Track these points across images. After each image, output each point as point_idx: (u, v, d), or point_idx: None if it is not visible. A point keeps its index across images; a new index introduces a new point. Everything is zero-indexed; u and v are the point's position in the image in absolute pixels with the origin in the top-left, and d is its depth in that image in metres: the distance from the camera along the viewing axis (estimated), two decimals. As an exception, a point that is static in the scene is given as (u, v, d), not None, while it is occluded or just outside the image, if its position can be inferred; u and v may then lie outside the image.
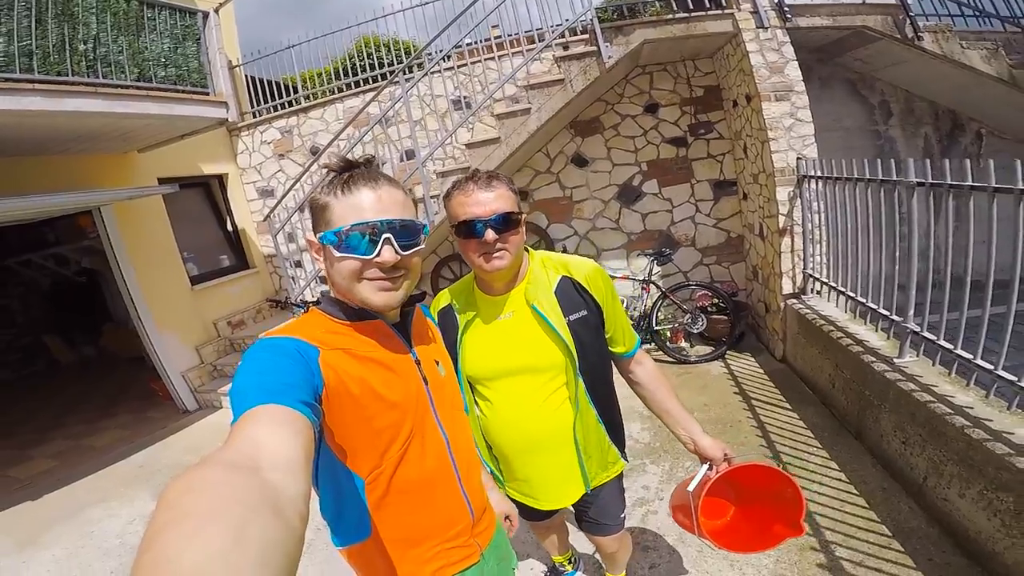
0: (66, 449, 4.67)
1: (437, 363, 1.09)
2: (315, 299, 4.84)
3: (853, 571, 2.02)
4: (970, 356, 2.21)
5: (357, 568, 1.05)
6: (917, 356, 2.59)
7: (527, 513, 1.71)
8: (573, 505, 1.63)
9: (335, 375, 0.87)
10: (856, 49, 4.52)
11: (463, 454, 1.08)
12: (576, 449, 1.44)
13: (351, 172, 0.95)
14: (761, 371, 4.01)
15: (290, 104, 6.11)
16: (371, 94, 5.37)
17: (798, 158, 3.78)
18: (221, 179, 6.13)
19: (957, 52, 4.21)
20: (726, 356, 4.35)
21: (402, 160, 5.45)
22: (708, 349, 4.52)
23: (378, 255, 0.90)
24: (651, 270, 4.62)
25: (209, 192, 6.17)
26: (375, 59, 5.96)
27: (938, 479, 2.18)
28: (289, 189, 4.71)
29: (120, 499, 3.59)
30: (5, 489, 3.98)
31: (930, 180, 2.42)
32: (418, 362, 1.03)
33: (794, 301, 3.83)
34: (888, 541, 2.15)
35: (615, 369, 1.57)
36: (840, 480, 2.57)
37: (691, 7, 4.06)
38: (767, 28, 3.92)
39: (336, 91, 5.98)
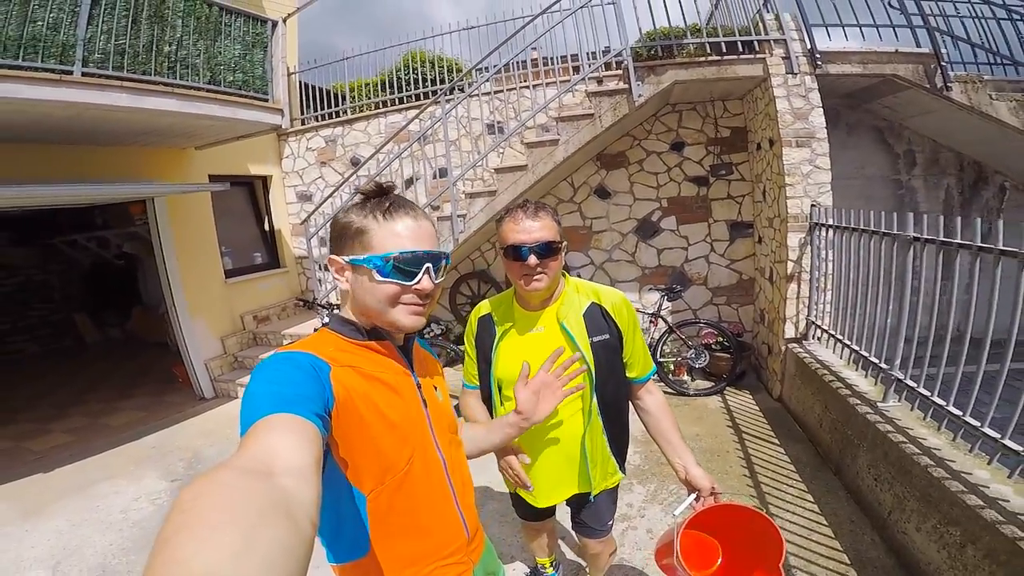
0: (83, 426, 4.92)
1: (435, 388, 1.15)
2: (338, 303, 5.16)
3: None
4: (942, 402, 2.37)
5: None
6: (899, 401, 2.74)
7: (524, 512, 1.95)
8: (570, 508, 1.83)
9: (344, 391, 0.90)
10: (885, 96, 4.60)
11: (458, 475, 1.13)
12: (583, 457, 1.61)
13: (390, 200, 1.00)
14: (757, 408, 4.15)
15: (336, 115, 6.58)
16: (412, 111, 5.78)
17: (812, 205, 3.91)
18: (265, 180, 6.59)
19: (985, 103, 4.21)
20: (725, 392, 4.49)
21: (435, 177, 5.80)
22: (708, 384, 4.66)
23: (418, 283, 0.98)
24: (661, 305, 4.80)
25: (252, 192, 6.62)
26: (419, 74, 6.39)
27: (900, 513, 2.33)
28: (328, 196, 5.06)
29: (128, 477, 3.80)
30: (21, 460, 4.22)
31: (934, 237, 2.48)
32: (418, 385, 1.08)
33: (795, 345, 3.97)
34: (846, 569, 2.30)
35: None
36: (813, 512, 2.71)
37: (724, 50, 4.22)
38: (796, 74, 4.06)
39: (381, 105, 6.43)
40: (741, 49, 4.22)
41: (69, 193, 4.17)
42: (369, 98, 6.60)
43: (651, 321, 4.82)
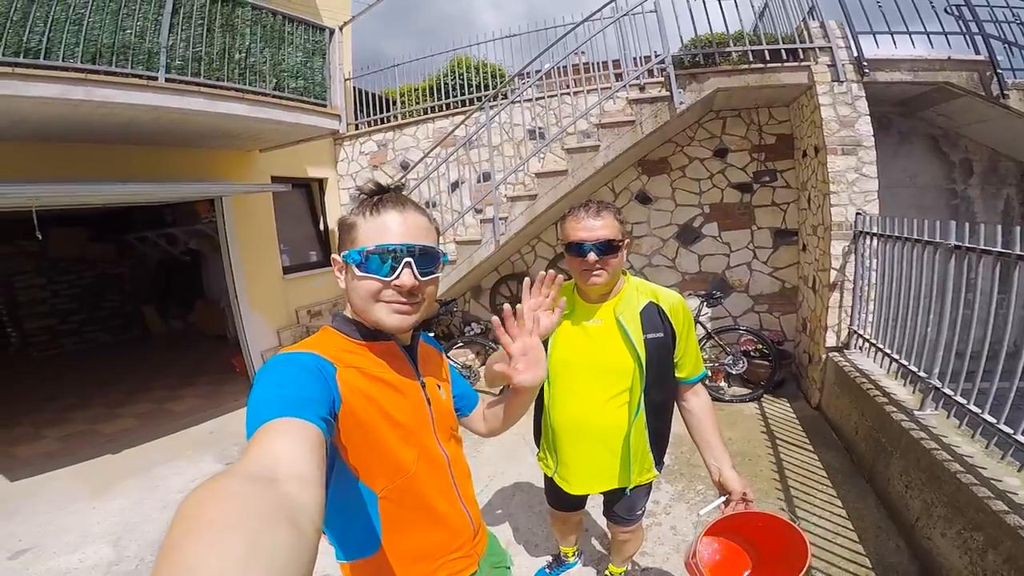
0: (149, 411, 5.29)
1: (439, 387, 1.16)
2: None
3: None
4: (977, 410, 2.37)
5: None
6: (936, 409, 2.74)
7: (556, 500, 2.05)
8: (603, 496, 1.92)
9: (350, 392, 0.91)
10: (939, 104, 4.49)
11: (460, 471, 1.16)
12: (626, 451, 1.69)
13: (381, 195, 1.00)
14: (793, 416, 4.16)
15: (387, 120, 6.95)
16: (458, 117, 6.04)
17: (857, 213, 3.88)
18: (321, 183, 7.00)
19: (1045, 111, 4.03)
20: (762, 400, 4.50)
21: (479, 181, 6.03)
22: (745, 391, 4.69)
23: (397, 278, 0.95)
24: (700, 310, 4.84)
25: (309, 193, 7.05)
26: (465, 79, 6.68)
27: (927, 519, 2.35)
28: None
29: (187, 460, 4.09)
30: (93, 442, 4.53)
31: (991, 248, 2.40)
32: (423, 385, 1.09)
33: (836, 354, 3.96)
34: (867, 573, 2.34)
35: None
36: (840, 516, 2.76)
37: (768, 58, 4.23)
38: (843, 82, 4.03)
39: (428, 111, 6.76)
40: (785, 57, 4.22)
41: (149, 191, 4.61)
42: (417, 103, 6.94)
43: (690, 327, 4.85)
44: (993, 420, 2.27)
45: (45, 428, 4.87)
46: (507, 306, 1.10)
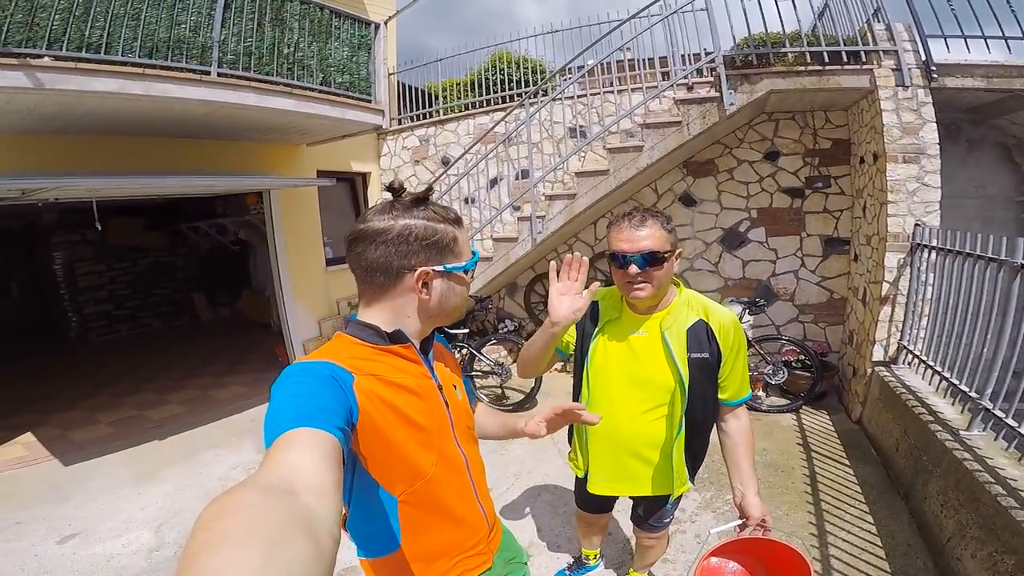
0: (195, 397, 5.54)
1: (455, 387, 1.20)
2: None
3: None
4: (1025, 430, 2.32)
5: None
6: (984, 431, 2.68)
7: (584, 502, 2.12)
8: (634, 502, 1.98)
9: (368, 401, 0.94)
10: (1015, 112, 4.32)
11: (476, 470, 1.21)
12: (663, 462, 1.72)
13: (445, 207, 1.11)
14: (832, 429, 4.11)
15: (430, 115, 7.16)
16: (498, 114, 6.17)
17: (916, 224, 3.78)
18: (364, 177, 7.27)
19: None
20: (801, 411, 4.46)
21: (517, 178, 6.13)
22: (783, 401, 4.65)
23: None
24: (742, 317, 4.81)
25: (352, 187, 7.32)
26: (505, 74, 6.81)
27: (960, 540, 2.33)
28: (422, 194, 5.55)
29: (229, 447, 4.26)
30: (141, 427, 4.77)
31: None
32: (440, 387, 1.12)
33: (882, 369, 3.89)
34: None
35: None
36: (869, 533, 2.75)
37: (827, 60, 4.13)
38: (908, 87, 3.90)
39: (469, 107, 6.92)
40: (846, 59, 4.11)
41: (199, 185, 4.84)
42: (458, 98, 7.13)
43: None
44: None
45: (99, 412, 5.18)
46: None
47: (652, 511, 1.94)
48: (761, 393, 4.82)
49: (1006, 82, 3.90)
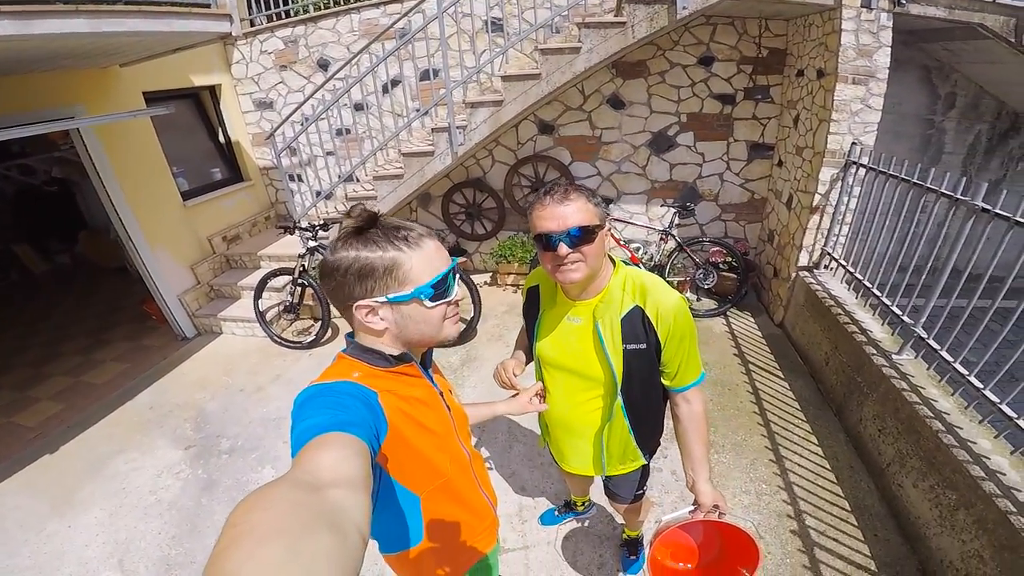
0: (67, 388, 4.57)
1: (450, 391, 1.28)
2: (329, 219, 4.92)
3: (818, 539, 2.54)
4: (965, 372, 2.56)
5: (403, 569, 1.26)
6: (915, 357, 2.96)
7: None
8: (603, 479, 1.99)
9: (394, 414, 0.99)
10: (953, 41, 4.35)
11: (477, 463, 1.34)
12: (600, 446, 1.72)
13: (404, 227, 1.00)
14: (759, 333, 4.44)
15: (296, 13, 5.74)
16: (392, 6, 5.18)
17: (853, 143, 3.85)
18: (213, 90, 5.91)
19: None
20: (728, 313, 4.73)
21: (420, 80, 5.29)
22: (713, 304, 4.91)
23: (456, 294, 1.08)
24: (673, 221, 4.84)
25: (199, 104, 5.97)
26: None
27: (899, 468, 2.66)
28: (299, 106, 4.64)
29: (138, 448, 3.64)
30: (19, 439, 3.85)
31: (951, 193, 2.74)
32: (441, 394, 1.18)
33: (806, 274, 4.16)
34: (847, 515, 2.67)
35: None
36: (817, 455, 3.06)
37: None
38: (872, 9, 3.73)
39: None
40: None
41: None
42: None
43: (661, 237, 4.91)
44: (980, 385, 2.43)
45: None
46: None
47: (616, 486, 1.97)
48: (691, 296, 5.06)
49: (966, 15, 3.85)
